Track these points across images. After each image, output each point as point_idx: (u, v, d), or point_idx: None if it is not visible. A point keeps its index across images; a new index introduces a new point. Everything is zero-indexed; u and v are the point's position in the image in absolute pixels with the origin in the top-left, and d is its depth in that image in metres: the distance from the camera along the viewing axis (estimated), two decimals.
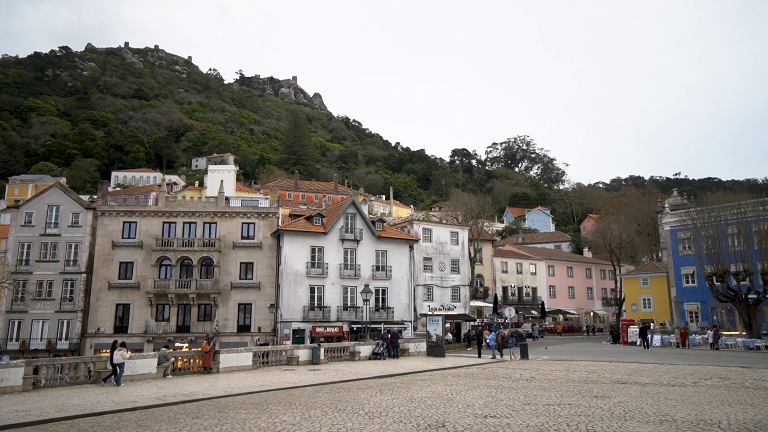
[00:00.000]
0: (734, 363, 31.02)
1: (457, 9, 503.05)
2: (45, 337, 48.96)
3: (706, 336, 48.93)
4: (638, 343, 49.25)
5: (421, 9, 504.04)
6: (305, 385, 23.66)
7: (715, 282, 50.80)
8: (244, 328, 51.63)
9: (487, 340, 39.77)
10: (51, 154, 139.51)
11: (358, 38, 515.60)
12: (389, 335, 39.50)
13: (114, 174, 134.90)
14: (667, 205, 65.35)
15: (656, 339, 50.70)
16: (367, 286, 42.56)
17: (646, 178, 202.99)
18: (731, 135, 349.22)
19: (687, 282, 59.32)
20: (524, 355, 37.74)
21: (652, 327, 53.94)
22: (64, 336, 49.40)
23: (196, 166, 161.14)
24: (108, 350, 48.55)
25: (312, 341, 48.92)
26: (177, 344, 49.98)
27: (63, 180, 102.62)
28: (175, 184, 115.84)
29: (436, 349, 40.46)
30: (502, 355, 38.21)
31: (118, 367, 24.16)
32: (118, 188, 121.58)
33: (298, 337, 50.48)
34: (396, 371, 29.59)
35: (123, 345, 25.37)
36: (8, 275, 45.21)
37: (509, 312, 42.78)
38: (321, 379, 25.60)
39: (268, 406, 17.14)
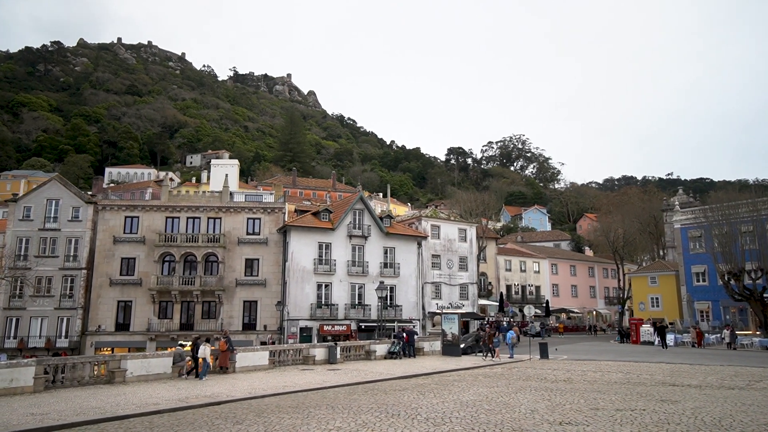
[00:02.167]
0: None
1: (452, 6, 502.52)
2: (44, 334, 47.29)
3: (721, 335, 48.01)
4: (656, 342, 48.21)
5: (414, 6, 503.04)
6: (333, 386, 22.40)
7: (729, 281, 49.96)
8: (249, 326, 50.25)
9: (507, 339, 38.56)
10: (43, 149, 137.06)
11: (352, 36, 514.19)
12: (404, 334, 38.22)
13: (108, 170, 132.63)
14: (677, 203, 64.50)
15: (669, 338, 49.74)
16: (382, 282, 41.40)
17: (639, 178, 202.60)
18: (722, 136, 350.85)
19: (698, 281, 58.47)
20: (544, 354, 36.66)
21: (668, 326, 52.85)
22: (63, 334, 47.76)
23: (191, 162, 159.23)
24: (108, 349, 47.75)
25: (319, 340, 47.69)
26: (180, 342, 48.51)
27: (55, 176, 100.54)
28: (171, 180, 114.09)
29: (451, 348, 39.22)
30: (486, 356, 36.42)
31: (201, 362, 25.26)
32: (112, 184, 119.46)
33: (305, 336, 49.18)
34: (419, 371, 28.36)
35: (207, 341, 26.53)
36: (6, 271, 43.44)
37: (529, 310, 41.48)
38: (346, 380, 24.33)
39: (309, 410, 15.84)
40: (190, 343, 27.42)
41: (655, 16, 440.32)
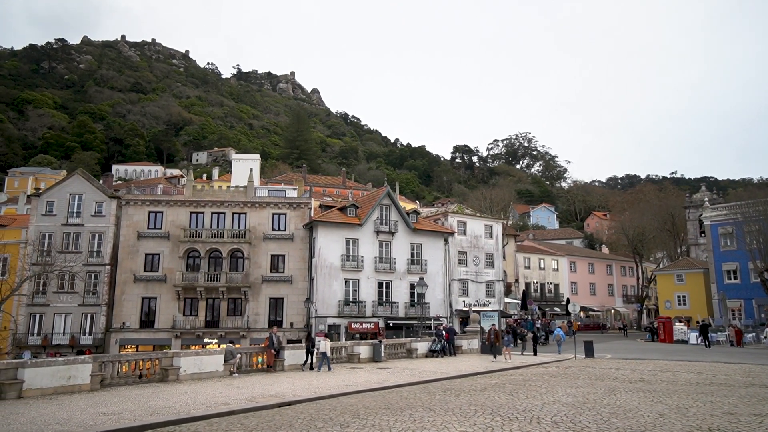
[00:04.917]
0: None
1: (455, 4, 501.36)
2: (68, 331, 46.12)
3: (764, 335, 46.89)
4: (690, 340, 47.19)
5: (418, 4, 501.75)
6: (402, 385, 21.35)
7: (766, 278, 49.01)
8: (275, 324, 48.85)
9: (557, 335, 37.38)
10: (50, 146, 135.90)
11: (355, 34, 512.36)
12: (444, 331, 37.11)
13: (115, 167, 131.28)
14: (706, 199, 63.45)
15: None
16: (421, 278, 40.21)
17: (642, 176, 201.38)
18: (725, 135, 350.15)
19: (729, 278, 57.38)
20: (589, 353, 35.68)
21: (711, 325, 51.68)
22: (87, 331, 46.59)
23: (197, 160, 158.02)
24: (133, 346, 46.58)
25: (347, 337, 46.66)
26: (206, 340, 47.49)
27: (63, 173, 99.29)
28: (181, 176, 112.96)
29: (489, 346, 38.15)
30: (495, 356, 34.75)
31: (323, 355, 26.88)
32: (119, 182, 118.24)
33: (333, 333, 48.03)
34: (472, 370, 27.30)
35: (326, 335, 28.47)
36: (29, 267, 42.26)
37: (573, 308, 40.21)
38: (406, 379, 23.24)
39: (407, 412, 14.71)
40: (304, 338, 29.12)
41: (658, 13, 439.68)
